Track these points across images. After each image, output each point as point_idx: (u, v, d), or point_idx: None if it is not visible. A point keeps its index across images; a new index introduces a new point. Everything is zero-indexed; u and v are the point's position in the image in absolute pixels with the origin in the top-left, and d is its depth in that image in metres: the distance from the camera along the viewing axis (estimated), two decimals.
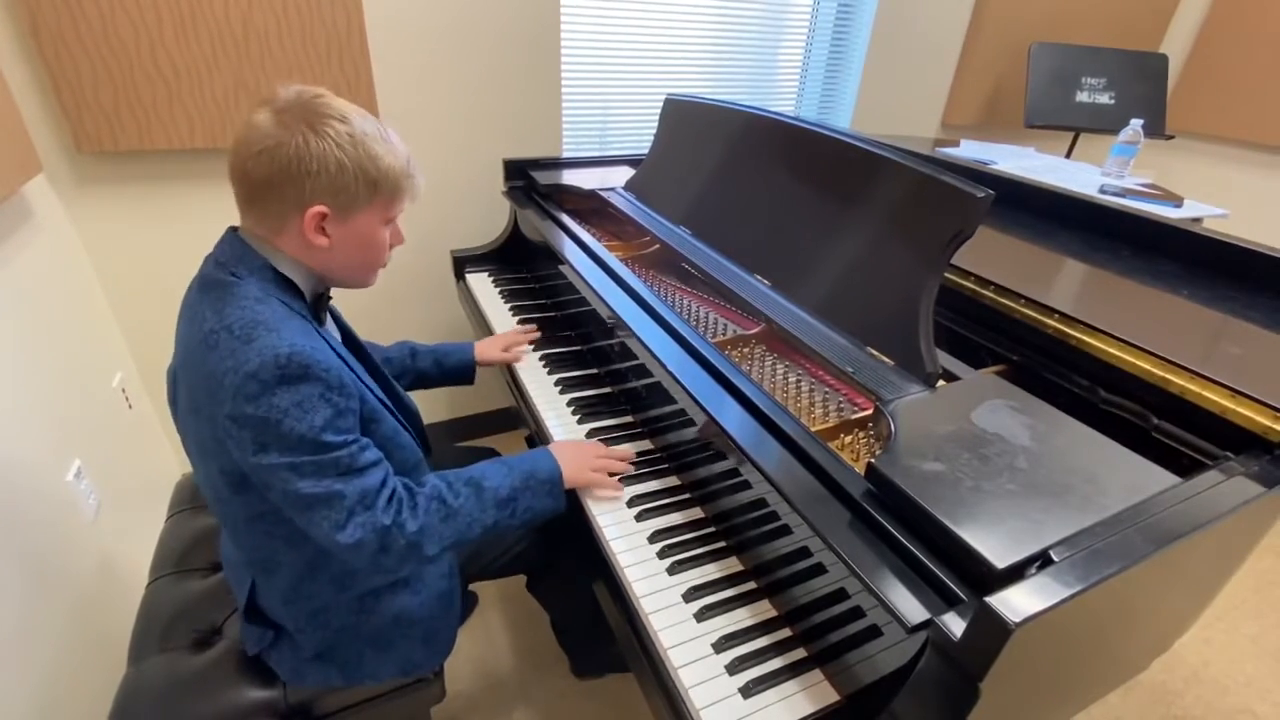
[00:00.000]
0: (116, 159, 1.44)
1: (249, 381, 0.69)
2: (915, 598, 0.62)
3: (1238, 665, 1.59)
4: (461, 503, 0.85)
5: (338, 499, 0.74)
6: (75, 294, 1.42)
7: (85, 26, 1.29)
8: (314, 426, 0.72)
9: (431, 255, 1.85)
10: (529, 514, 0.91)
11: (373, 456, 0.78)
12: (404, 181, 0.81)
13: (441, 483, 0.86)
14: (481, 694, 1.44)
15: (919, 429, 0.76)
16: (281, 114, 0.72)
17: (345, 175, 0.74)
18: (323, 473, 0.73)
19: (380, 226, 0.82)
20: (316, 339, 0.77)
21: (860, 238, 1.02)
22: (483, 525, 0.86)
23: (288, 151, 0.71)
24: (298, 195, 0.74)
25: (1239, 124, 2.72)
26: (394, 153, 0.78)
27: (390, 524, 0.77)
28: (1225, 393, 0.81)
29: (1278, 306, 1.04)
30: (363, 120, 0.76)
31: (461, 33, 1.66)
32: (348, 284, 0.86)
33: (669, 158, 1.52)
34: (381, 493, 0.78)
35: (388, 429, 0.86)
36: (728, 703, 0.73)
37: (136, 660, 0.96)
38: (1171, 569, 0.73)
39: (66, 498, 1.20)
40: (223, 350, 0.70)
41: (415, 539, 0.79)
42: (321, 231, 0.77)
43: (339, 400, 0.74)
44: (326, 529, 0.74)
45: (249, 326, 0.71)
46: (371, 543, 0.76)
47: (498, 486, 0.88)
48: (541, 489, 0.92)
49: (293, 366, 0.70)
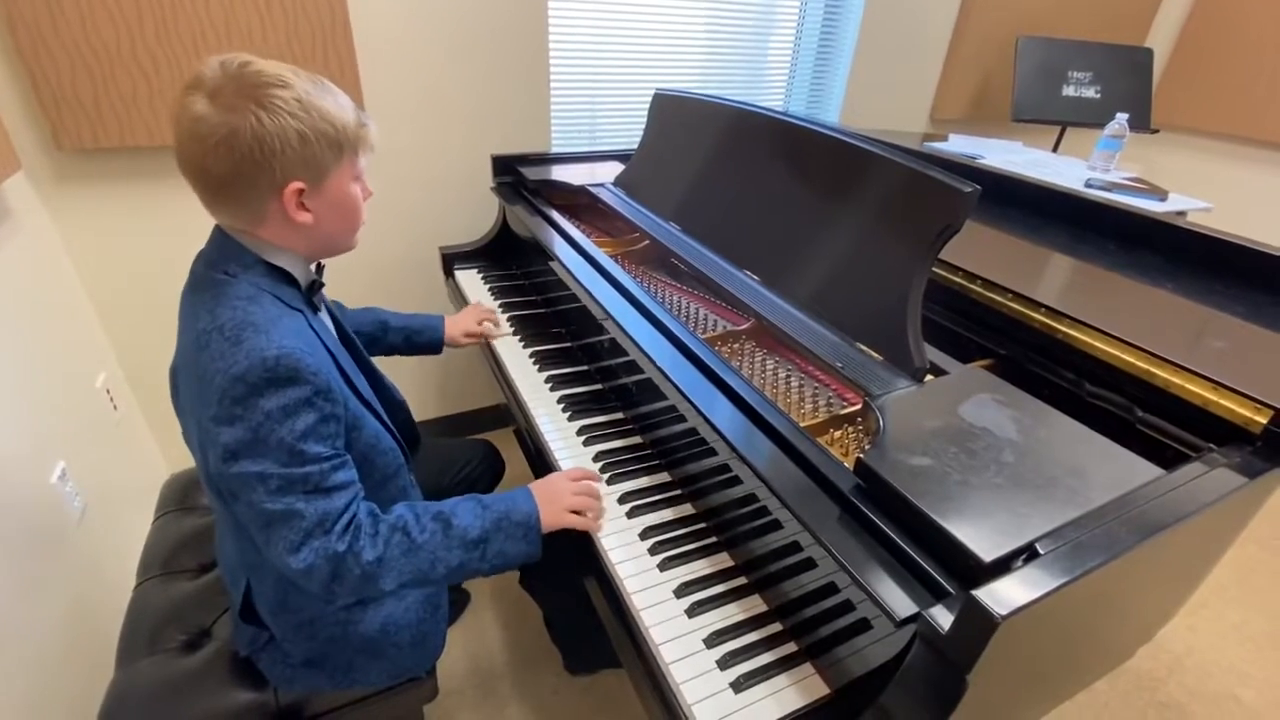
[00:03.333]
0: (97, 156, 1.42)
1: (235, 384, 0.68)
2: (903, 591, 0.63)
3: (1221, 652, 1.62)
4: (426, 538, 0.80)
5: (296, 519, 0.71)
6: (56, 293, 1.40)
7: (63, 21, 1.27)
8: (295, 432, 0.70)
9: (420, 252, 1.84)
10: (500, 559, 0.85)
11: (343, 478, 0.75)
12: (361, 131, 0.78)
13: (409, 514, 0.81)
14: (474, 691, 1.44)
15: (907, 424, 0.77)
16: (218, 96, 0.68)
17: (309, 144, 0.72)
18: (288, 489, 0.71)
19: (351, 184, 0.79)
20: (308, 336, 0.76)
21: (848, 233, 1.02)
22: (447, 565, 0.81)
23: (245, 138, 0.68)
24: (269, 179, 0.71)
25: (1223, 118, 2.75)
26: (341, 105, 0.75)
27: (345, 550, 0.73)
28: (1208, 385, 0.82)
29: (1260, 299, 1.05)
30: (299, 78, 0.72)
31: (448, 27, 1.65)
32: (334, 252, 0.85)
33: (658, 153, 1.52)
34: (342, 517, 0.74)
35: (369, 435, 0.84)
36: (719, 698, 0.73)
37: (124, 664, 0.95)
38: (1155, 560, 0.74)
39: (51, 500, 1.19)
40: (213, 351, 0.69)
41: (371, 569, 0.75)
42: (303, 207, 0.75)
43: (325, 405, 0.73)
44: (281, 549, 0.72)
45: (239, 327, 0.70)
46: (323, 569, 0.73)
47: (467, 526, 0.83)
48: (515, 532, 0.86)
49: (281, 369, 0.69)
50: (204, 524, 1.18)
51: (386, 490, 0.90)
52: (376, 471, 0.86)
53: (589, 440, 1.10)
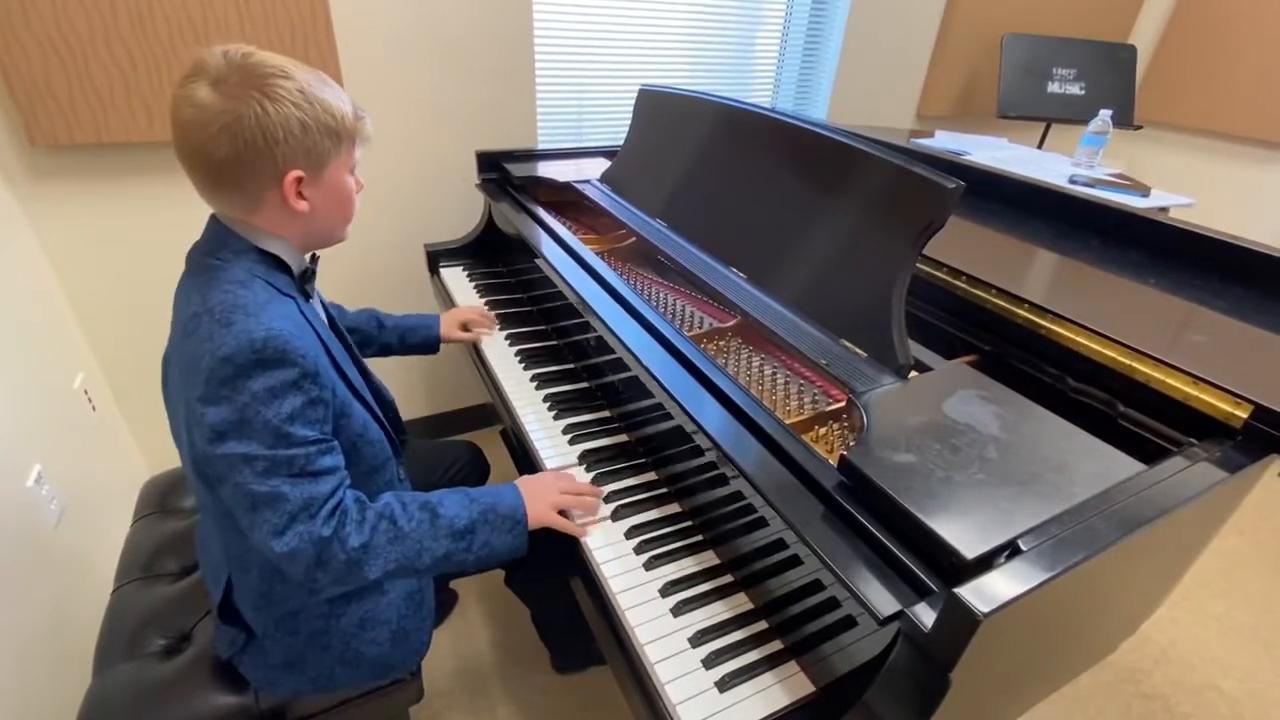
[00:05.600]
0: (73, 152, 1.39)
1: (223, 365, 0.68)
2: (887, 589, 0.62)
3: (1204, 644, 1.64)
4: (414, 526, 0.80)
5: (281, 501, 0.71)
6: (32, 293, 1.37)
7: (35, 14, 1.24)
8: (281, 414, 0.70)
9: (405, 249, 1.82)
10: (486, 550, 0.85)
11: (330, 463, 0.75)
12: (358, 124, 0.80)
13: (396, 502, 0.81)
14: (461, 691, 1.43)
15: (891, 420, 0.77)
16: (221, 84, 0.68)
17: (310, 134, 0.73)
18: (274, 471, 0.71)
19: (347, 175, 0.81)
20: (299, 320, 0.76)
21: (833, 229, 1.02)
22: (433, 555, 0.81)
23: (249, 124, 0.69)
24: (271, 166, 0.72)
25: (1204, 114, 2.78)
26: (339, 96, 0.77)
27: (330, 535, 0.73)
28: (1189, 380, 0.82)
29: (1241, 295, 1.06)
30: (300, 70, 0.74)
31: (431, 20, 1.63)
32: (326, 243, 0.85)
33: (644, 150, 1.51)
34: (328, 502, 0.74)
35: (357, 424, 0.84)
36: (704, 697, 0.73)
37: (102, 669, 0.94)
38: (1138, 554, 0.75)
39: (27, 504, 1.16)
40: (203, 333, 0.70)
41: (357, 555, 0.75)
42: (301, 196, 0.76)
43: (312, 389, 0.73)
44: (265, 533, 0.72)
45: (229, 310, 0.70)
46: (307, 553, 0.72)
47: (455, 516, 0.83)
48: (502, 525, 0.86)
49: (268, 350, 0.69)
50: (184, 527, 1.16)
51: (374, 481, 0.89)
52: (364, 461, 0.86)
53: (575, 439, 1.09)
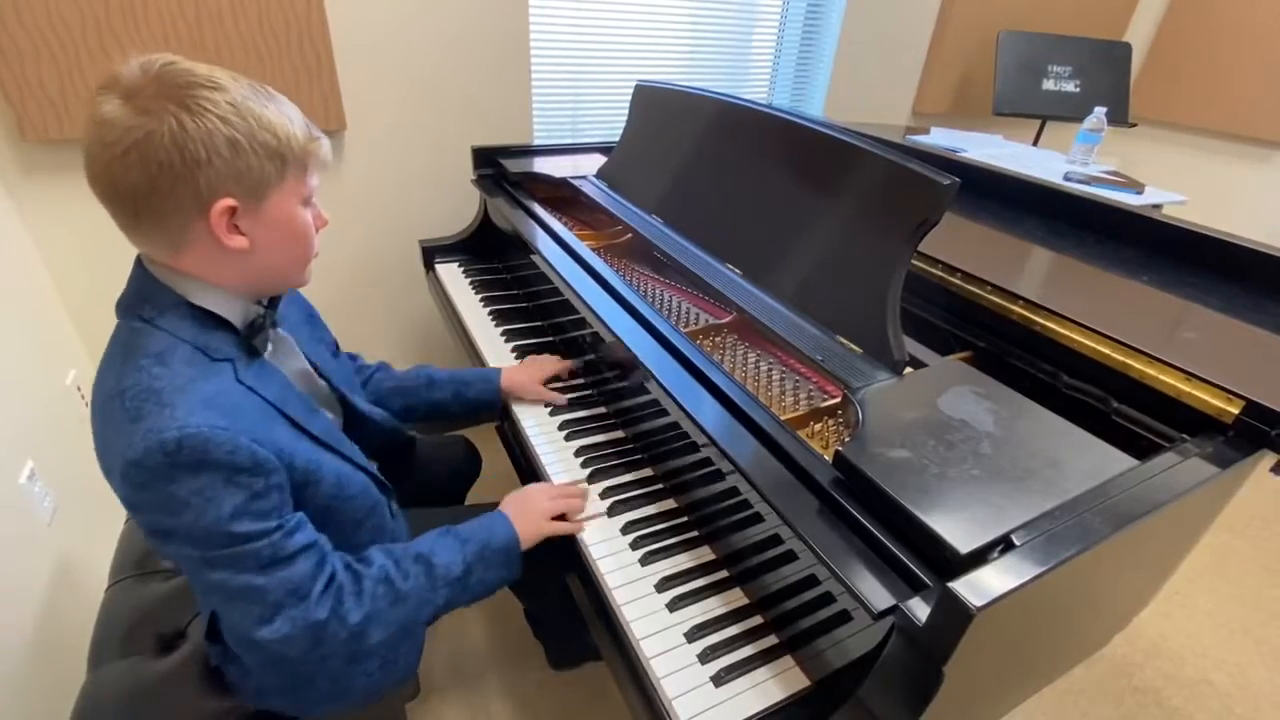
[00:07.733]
0: (65, 147, 1.38)
1: (134, 470, 0.59)
2: (881, 584, 0.63)
3: (1195, 638, 1.65)
4: (411, 585, 0.76)
5: (259, 593, 0.64)
6: (23, 288, 1.36)
7: (26, 7, 1.23)
8: (221, 517, 0.61)
9: (400, 245, 1.82)
10: (482, 587, 0.83)
11: (302, 540, 0.67)
12: (310, 146, 0.67)
13: (389, 561, 0.76)
14: (458, 688, 1.43)
15: (886, 416, 0.77)
16: (135, 97, 0.57)
17: (242, 154, 0.61)
18: (239, 565, 0.63)
19: (299, 208, 0.68)
20: (230, 398, 0.64)
21: (829, 226, 1.02)
22: (434, 606, 0.79)
23: (161, 141, 0.57)
24: (192, 193, 0.60)
25: (1199, 112, 2.79)
26: (287, 115, 0.65)
27: (327, 618, 0.68)
28: (1181, 376, 0.83)
29: (1233, 292, 1.07)
30: (237, 82, 0.62)
31: (428, 15, 1.62)
32: (278, 288, 0.75)
33: (640, 146, 1.51)
34: (317, 579, 0.67)
35: (329, 485, 0.74)
36: (699, 691, 0.73)
37: (96, 666, 0.93)
38: (1130, 549, 0.75)
39: (20, 501, 1.16)
40: (114, 424, 0.61)
41: (359, 628, 0.70)
42: (235, 230, 0.64)
43: (253, 481, 0.62)
44: (248, 624, 0.65)
45: (139, 399, 0.60)
46: (302, 639, 0.66)
47: (450, 564, 0.80)
48: (497, 560, 0.84)
49: (184, 454, 0.58)
50: None
51: (360, 534, 0.82)
52: (345, 518, 0.78)
53: (571, 435, 1.10)
